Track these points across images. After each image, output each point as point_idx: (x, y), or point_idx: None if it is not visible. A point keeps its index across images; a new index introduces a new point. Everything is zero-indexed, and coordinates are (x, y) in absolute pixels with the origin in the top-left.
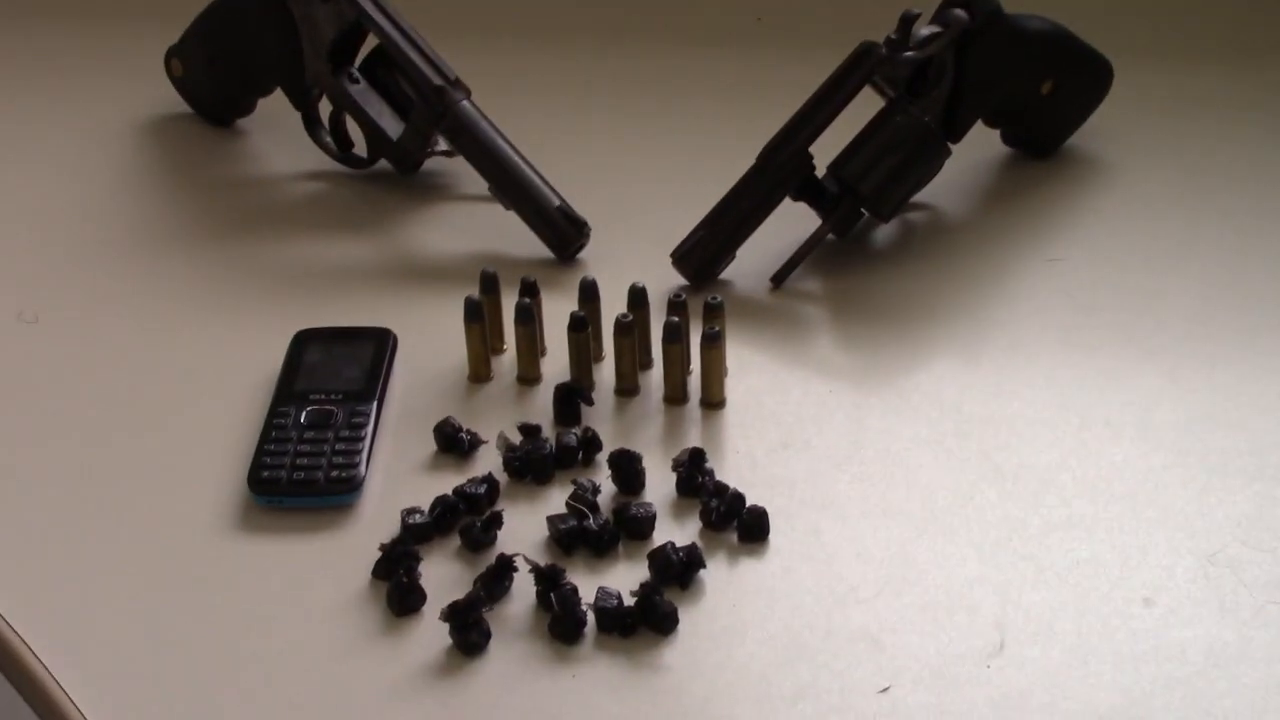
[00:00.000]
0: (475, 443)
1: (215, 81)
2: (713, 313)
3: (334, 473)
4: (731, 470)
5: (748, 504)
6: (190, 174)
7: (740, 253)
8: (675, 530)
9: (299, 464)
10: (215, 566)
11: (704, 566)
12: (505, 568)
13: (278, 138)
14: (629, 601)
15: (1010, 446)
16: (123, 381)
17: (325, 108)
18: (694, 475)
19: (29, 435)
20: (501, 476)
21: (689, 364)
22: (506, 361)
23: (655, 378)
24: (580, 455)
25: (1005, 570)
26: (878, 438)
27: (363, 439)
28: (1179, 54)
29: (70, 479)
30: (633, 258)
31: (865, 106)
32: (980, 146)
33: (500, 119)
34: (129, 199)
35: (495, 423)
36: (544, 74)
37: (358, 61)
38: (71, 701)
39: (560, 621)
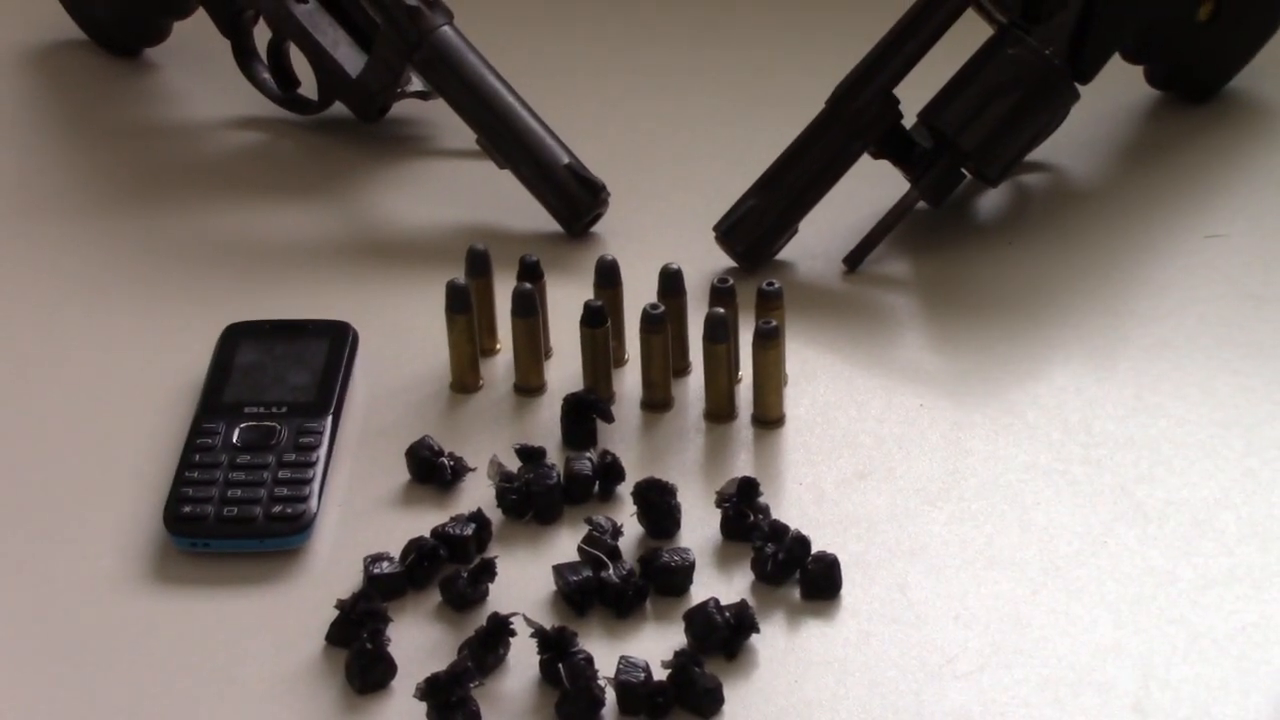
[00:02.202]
0: (460, 470)
1: None
2: (768, 303)
3: (276, 508)
4: (793, 507)
5: (813, 550)
6: (87, 120)
7: (803, 226)
8: (720, 584)
9: (231, 497)
10: (123, 629)
11: (756, 630)
12: (499, 631)
13: (200, 73)
14: (660, 675)
15: (1155, 478)
16: (1, 390)
17: (263, 33)
18: (744, 513)
19: None
20: (494, 514)
21: (737, 369)
22: (501, 365)
23: (694, 387)
24: (596, 487)
25: (1148, 638)
26: (982, 466)
27: (313, 465)
28: None
29: None
30: (664, 231)
31: (967, 36)
32: (1118, 88)
33: (493, 50)
34: (8, 152)
35: (486, 445)
36: None
37: None
38: None
39: (571, 700)
